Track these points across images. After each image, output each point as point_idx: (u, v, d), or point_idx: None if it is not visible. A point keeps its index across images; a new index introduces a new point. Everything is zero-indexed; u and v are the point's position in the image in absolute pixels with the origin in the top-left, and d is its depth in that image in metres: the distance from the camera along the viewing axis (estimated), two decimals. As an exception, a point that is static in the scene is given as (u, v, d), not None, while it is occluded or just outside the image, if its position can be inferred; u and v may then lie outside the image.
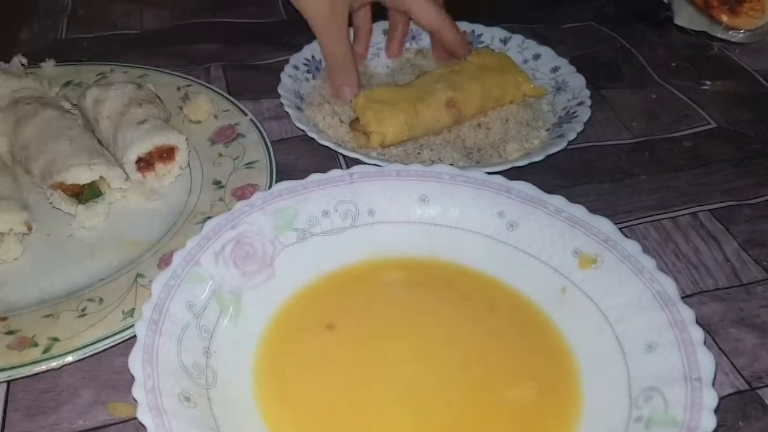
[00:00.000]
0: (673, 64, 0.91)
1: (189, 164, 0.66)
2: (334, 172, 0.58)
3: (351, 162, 0.68)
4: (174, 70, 0.83)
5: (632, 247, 0.52)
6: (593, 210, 0.66)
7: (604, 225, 0.54)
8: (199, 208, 0.61)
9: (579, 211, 0.56)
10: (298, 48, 0.82)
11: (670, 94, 0.85)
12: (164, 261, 0.55)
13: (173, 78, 0.77)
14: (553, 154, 0.66)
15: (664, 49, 0.95)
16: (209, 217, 0.59)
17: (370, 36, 0.82)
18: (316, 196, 0.57)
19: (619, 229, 0.64)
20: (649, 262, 0.51)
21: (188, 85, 0.75)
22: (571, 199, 0.68)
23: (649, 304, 0.49)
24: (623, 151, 0.74)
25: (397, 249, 0.58)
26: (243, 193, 0.61)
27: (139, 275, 0.54)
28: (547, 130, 0.72)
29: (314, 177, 0.58)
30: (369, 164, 0.63)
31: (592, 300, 0.52)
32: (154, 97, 0.68)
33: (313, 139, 0.68)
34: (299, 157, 0.72)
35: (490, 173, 0.61)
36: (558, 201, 0.56)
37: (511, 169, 0.65)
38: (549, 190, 0.68)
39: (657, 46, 0.95)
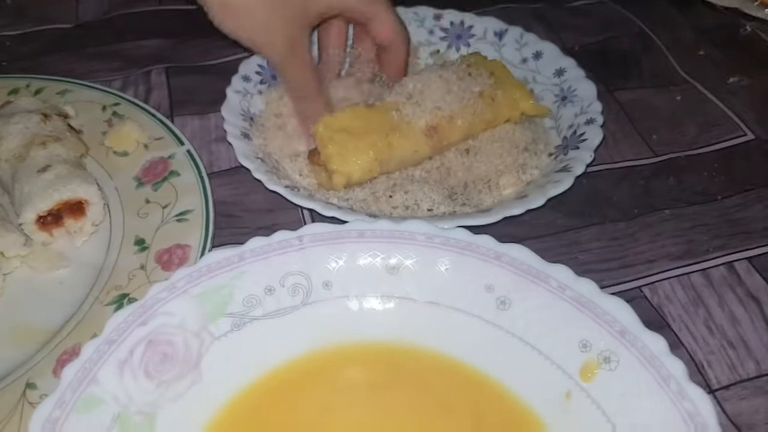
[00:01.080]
0: (701, 53, 0.77)
1: (109, 212, 0.54)
2: (279, 235, 0.47)
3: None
4: (108, 77, 0.70)
5: (656, 344, 0.41)
6: (607, 260, 0.55)
7: (621, 310, 0.42)
8: (114, 279, 0.49)
9: (588, 288, 0.44)
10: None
11: (696, 93, 0.71)
12: (62, 363, 0.43)
13: (99, 94, 0.64)
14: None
15: (690, 31, 0.81)
16: (125, 294, 0.48)
17: (341, 56, 0.65)
18: (257, 268, 0.46)
19: (639, 288, 0.53)
20: (678, 368, 0.40)
21: (116, 104, 0.62)
22: (580, 245, 0.56)
23: (678, 430, 0.38)
24: (642, 176, 0.62)
25: (360, 334, 0.46)
26: (170, 257, 0.49)
27: (29, 386, 0.43)
28: (550, 154, 0.59)
29: (254, 243, 0.46)
30: (326, 217, 0.51)
31: (605, 413, 0.41)
32: (64, 130, 0.55)
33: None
34: (249, 192, 0.59)
35: (477, 226, 0.50)
36: (562, 274, 0.44)
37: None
38: (552, 234, 0.57)
39: (681, 29, 0.81)
